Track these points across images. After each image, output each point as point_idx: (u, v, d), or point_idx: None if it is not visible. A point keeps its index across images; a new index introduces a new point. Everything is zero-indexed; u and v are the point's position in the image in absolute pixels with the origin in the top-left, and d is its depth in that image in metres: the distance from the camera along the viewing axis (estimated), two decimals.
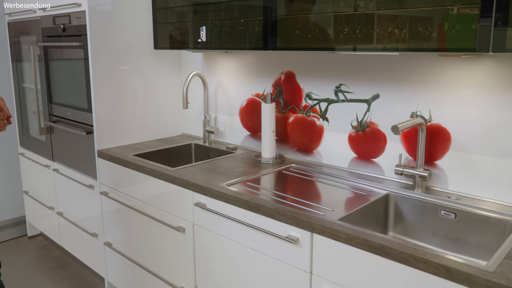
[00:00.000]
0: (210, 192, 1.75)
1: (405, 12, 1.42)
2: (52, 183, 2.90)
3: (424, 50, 1.39)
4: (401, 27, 1.44)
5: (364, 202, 1.63)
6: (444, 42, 1.35)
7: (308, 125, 2.11)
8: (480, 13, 1.25)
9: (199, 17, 2.11)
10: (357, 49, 1.56)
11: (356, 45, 1.57)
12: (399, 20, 1.44)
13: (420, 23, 1.39)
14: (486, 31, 1.24)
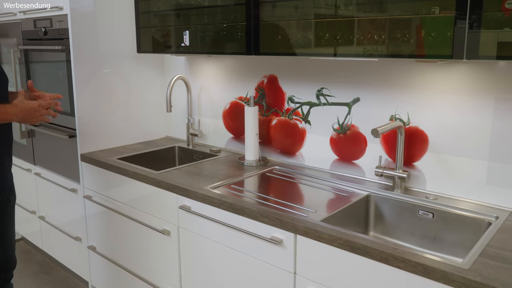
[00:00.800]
0: (195, 195, 1.77)
1: (384, 19, 1.47)
2: (33, 187, 2.88)
3: (403, 56, 1.45)
4: (380, 33, 1.49)
5: (345, 203, 1.68)
6: (422, 48, 1.40)
7: (291, 128, 2.15)
8: (454, 20, 1.30)
9: (182, 21, 2.13)
10: (338, 55, 1.61)
11: (337, 50, 1.61)
12: (378, 26, 1.49)
13: (398, 30, 1.44)
14: (461, 38, 1.30)
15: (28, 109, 1.78)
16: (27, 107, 1.77)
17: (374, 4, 1.51)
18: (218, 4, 1.95)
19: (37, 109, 1.79)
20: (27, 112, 1.78)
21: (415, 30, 1.40)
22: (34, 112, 1.79)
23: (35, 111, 1.79)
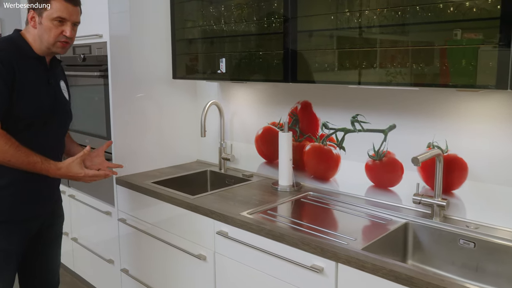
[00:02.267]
0: (232, 220, 1.79)
1: (425, 49, 1.49)
2: (67, 209, 2.93)
3: (446, 86, 1.45)
4: (421, 62, 1.50)
5: (384, 231, 1.67)
6: (465, 78, 1.41)
7: (325, 153, 2.16)
8: (498, 50, 1.31)
9: (218, 48, 2.18)
10: (378, 84, 1.62)
11: (376, 79, 1.63)
12: (419, 56, 1.51)
13: (442, 59, 1.45)
14: (505, 68, 1.30)
15: (69, 176, 1.80)
16: (68, 173, 1.79)
17: (413, 33, 1.53)
18: (255, 33, 2.00)
19: (80, 178, 1.83)
20: (69, 177, 1.81)
21: (459, 60, 1.41)
22: (77, 179, 1.83)
23: (77, 178, 1.82)
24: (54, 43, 1.77)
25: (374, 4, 1.60)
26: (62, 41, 1.79)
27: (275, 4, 1.90)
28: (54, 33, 1.76)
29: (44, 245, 1.97)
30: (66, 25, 1.78)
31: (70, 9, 1.78)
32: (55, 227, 2.01)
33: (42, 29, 1.75)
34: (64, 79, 2.01)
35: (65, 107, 1.94)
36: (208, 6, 2.21)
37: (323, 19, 1.74)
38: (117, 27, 2.38)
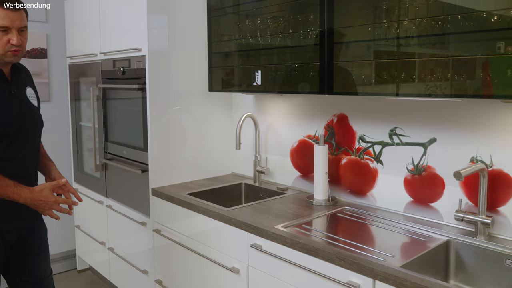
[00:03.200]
0: (266, 233, 1.76)
1: (467, 59, 1.44)
2: (104, 219, 2.99)
3: (487, 97, 1.39)
4: (464, 73, 1.45)
5: (424, 249, 1.60)
6: (509, 89, 1.34)
7: (362, 167, 2.11)
8: None
9: (254, 61, 2.19)
10: (418, 95, 1.57)
11: (416, 91, 1.58)
12: (461, 66, 1.45)
13: (486, 70, 1.40)
14: None
15: (41, 200, 1.73)
16: (40, 198, 1.72)
17: (454, 43, 1.48)
18: (291, 45, 1.99)
19: (49, 204, 1.74)
20: (38, 202, 1.73)
21: (504, 70, 1.35)
22: (45, 205, 1.74)
23: (46, 204, 1.74)
24: (4, 53, 1.72)
25: (413, 14, 1.56)
26: (11, 50, 1.73)
27: (311, 16, 1.89)
28: (1, 44, 1.71)
29: (28, 256, 1.94)
30: (11, 33, 1.71)
31: (11, 16, 1.70)
32: (37, 241, 1.97)
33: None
34: (31, 84, 1.96)
35: (33, 116, 1.89)
36: (244, 20, 2.22)
37: (360, 30, 1.71)
38: (155, 41, 2.43)
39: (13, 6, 1.70)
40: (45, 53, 3.38)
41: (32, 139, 1.89)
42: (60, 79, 3.46)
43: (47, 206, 1.74)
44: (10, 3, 1.70)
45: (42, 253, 2.01)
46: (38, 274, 1.98)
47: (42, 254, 2.00)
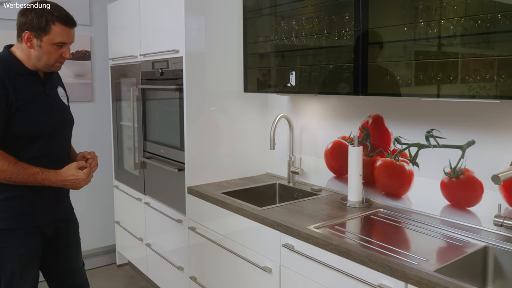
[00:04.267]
0: (298, 234, 1.77)
1: (507, 59, 1.39)
2: (142, 216, 3.08)
3: None
4: (503, 74, 1.40)
5: (460, 254, 1.56)
6: None
7: (397, 169, 2.08)
8: None
9: (288, 62, 2.20)
10: (456, 96, 1.54)
11: (454, 92, 1.55)
12: (501, 67, 1.41)
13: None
14: None
15: (69, 180, 1.83)
16: (68, 177, 1.83)
17: (494, 43, 1.44)
18: (326, 45, 1.99)
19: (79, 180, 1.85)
20: (68, 181, 1.83)
21: None
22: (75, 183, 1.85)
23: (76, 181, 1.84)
24: (53, 64, 1.82)
25: (451, 13, 1.53)
26: (60, 61, 1.84)
27: (347, 17, 1.88)
28: (54, 56, 1.80)
29: (63, 249, 2.03)
30: (65, 47, 1.82)
31: (70, 33, 1.81)
32: (71, 233, 2.06)
33: (42, 51, 1.78)
34: (61, 84, 2.03)
35: (65, 115, 1.97)
36: (279, 21, 2.24)
37: (396, 31, 1.69)
38: (192, 42, 2.49)
39: (71, 24, 1.81)
40: (89, 55, 3.52)
41: (64, 137, 1.98)
42: (102, 80, 3.59)
43: (77, 184, 1.85)
44: (69, 21, 1.81)
45: (75, 246, 2.10)
46: (71, 265, 2.08)
47: (75, 246, 2.10)
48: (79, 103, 3.44)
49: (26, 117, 1.77)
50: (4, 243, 1.80)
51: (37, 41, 1.77)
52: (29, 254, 1.86)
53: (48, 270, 2.04)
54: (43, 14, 1.75)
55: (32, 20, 1.74)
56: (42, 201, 1.87)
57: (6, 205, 1.80)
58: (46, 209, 1.90)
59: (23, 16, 1.78)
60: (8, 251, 1.81)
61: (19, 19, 1.79)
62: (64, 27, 1.79)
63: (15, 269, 1.82)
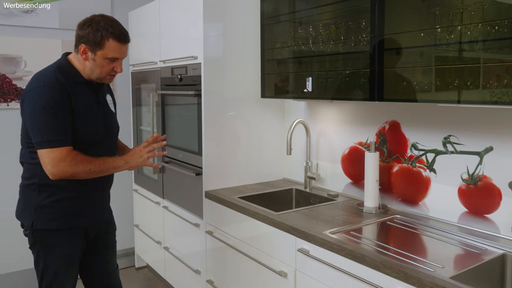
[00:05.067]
0: (314, 239, 1.78)
1: None
2: (161, 219, 3.13)
3: None
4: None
5: (477, 261, 1.55)
6: None
7: (414, 175, 2.07)
8: None
9: (305, 68, 2.22)
10: (474, 102, 1.53)
11: (470, 98, 1.54)
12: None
13: None
14: None
15: (134, 153, 1.96)
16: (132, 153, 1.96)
17: (510, 48, 1.43)
18: (342, 51, 2.00)
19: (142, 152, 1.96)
20: (132, 156, 1.94)
21: None
22: (139, 154, 1.95)
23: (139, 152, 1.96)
24: (105, 77, 1.91)
25: (469, 18, 1.53)
26: (111, 74, 1.93)
27: (363, 23, 1.89)
28: (106, 70, 1.88)
29: (102, 250, 2.11)
30: (118, 62, 1.91)
31: (122, 49, 1.89)
32: (109, 235, 2.16)
33: (95, 64, 1.86)
34: (109, 91, 2.13)
35: (113, 123, 2.07)
36: (296, 27, 2.26)
37: (412, 37, 1.69)
38: (210, 49, 2.53)
39: (124, 41, 1.90)
40: None
41: (111, 143, 2.07)
42: (123, 85, 3.66)
43: (140, 156, 1.94)
44: (123, 38, 1.89)
45: (112, 247, 2.19)
46: (108, 267, 2.16)
47: (112, 248, 2.18)
48: None
49: (81, 125, 1.85)
50: (52, 243, 1.89)
51: (92, 54, 1.85)
52: (73, 254, 1.95)
53: (85, 270, 2.11)
54: (98, 30, 1.82)
55: (88, 34, 1.83)
56: (89, 204, 1.96)
57: (56, 206, 1.88)
58: (93, 211, 2.00)
59: (81, 30, 1.86)
60: (55, 251, 1.90)
61: (77, 32, 1.88)
62: (118, 43, 1.86)
63: (59, 269, 1.91)
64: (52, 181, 1.81)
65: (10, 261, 3.30)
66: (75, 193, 1.90)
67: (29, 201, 1.90)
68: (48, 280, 1.90)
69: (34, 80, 1.85)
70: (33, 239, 1.90)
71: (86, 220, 1.97)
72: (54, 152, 1.75)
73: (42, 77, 1.83)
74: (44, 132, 1.76)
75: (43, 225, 1.87)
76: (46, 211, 1.87)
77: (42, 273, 1.90)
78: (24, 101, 1.82)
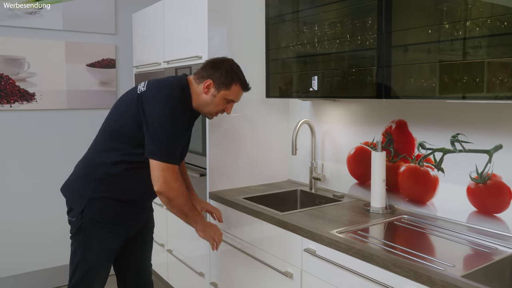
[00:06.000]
0: (320, 238, 1.75)
1: None
2: (164, 222, 3.10)
3: None
4: None
5: (488, 260, 1.52)
6: None
7: (421, 175, 2.04)
8: None
9: (310, 67, 2.20)
10: (479, 98, 1.51)
11: (477, 93, 1.52)
12: None
13: None
14: None
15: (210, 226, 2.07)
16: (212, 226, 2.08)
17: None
18: (348, 50, 1.98)
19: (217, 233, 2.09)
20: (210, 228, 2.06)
21: None
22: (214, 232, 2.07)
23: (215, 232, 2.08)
24: (213, 113, 2.01)
25: (477, 14, 1.51)
26: (218, 113, 2.04)
27: (369, 21, 1.87)
28: (218, 108, 1.99)
29: (139, 245, 2.14)
30: (231, 104, 2.02)
31: (241, 95, 2.02)
32: (148, 231, 2.20)
33: (213, 100, 1.95)
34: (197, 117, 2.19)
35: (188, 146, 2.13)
36: (302, 27, 2.24)
37: (419, 33, 1.67)
38: (215, 49, 2.51)
39: (247, 89, 2.05)
40: (114, 63, 3.59)
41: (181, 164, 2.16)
42: (127, 87, 3.64)
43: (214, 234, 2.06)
44: (247, 86, 2.03)
45: (149, 243, 2.22)
46: (142, 262, 2.19)
47: (149, 244, 2.22)
48: (103, 110, 3.49)
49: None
50: (95, 235, 1.90)
51: (215, 91, 1.95)
52: (112, 250, 1.96)
53: (120, 264, 2.13)
54: (231, 73, 1.96)
55: (220, 75, 1.94)
56: (139, 210, 2.04)
57: (108, 203, 1.90)
58: (140, 216, 2.05)
59: (213, 69, 1.96)
60: (96, 244, 1.91)
61: (209, 68, 1.97)
62: (241, 90, 2.01)
63: (94, 262, 1.92)
64: (114, 180, 1.88)
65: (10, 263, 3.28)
66: (130, 197, 1.94)
67: (86, 189, 1.91)
68: (82, 273, 1.90)
69: (154, 86, 1.89)
70: (78, 227, 1.90)
71: (132, 221, 2.00)
72: (169, 168, 1.81)
73: (164, 86, 1.88)
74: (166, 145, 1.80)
75: (92, 215, 1.88)
76: (99, 203, 1.89)
77: (77, 264, 1.91)
78: (146, 100, 1.83)
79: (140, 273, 2.18)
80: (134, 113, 1.85)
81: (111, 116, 1.99)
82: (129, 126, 1.87)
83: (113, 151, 1.89)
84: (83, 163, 2.00)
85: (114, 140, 1.91)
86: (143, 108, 1.84)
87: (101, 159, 1.92)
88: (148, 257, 2.22)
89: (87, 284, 1.92)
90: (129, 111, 1.88)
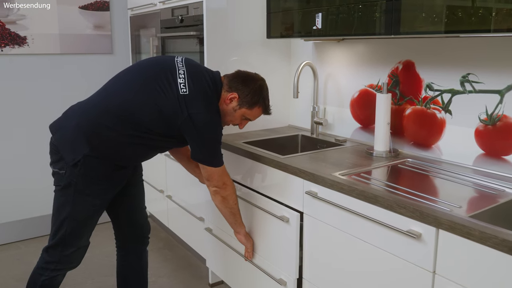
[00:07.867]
0: (322, 180, 1.70)
1: None
2: (163, 168, 3.06)
3: None
4: None
5: (494, 202, 1.47)
6: None
7: (428, 118, 1.97)
8: None
9: (314, 3, 2.07)
10: (494, 31, 1.41)
11: (493, 27, 1.41)
12: None
13: None
14: None
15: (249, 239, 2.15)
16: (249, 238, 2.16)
17: None
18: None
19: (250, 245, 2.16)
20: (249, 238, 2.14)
21: None
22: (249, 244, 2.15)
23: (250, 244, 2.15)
24: (227, 124, 1.99)
25: None
26: (231, 125, 2.02)
27: None
28: (234, 122, 1.97)
29: (131, 187, 2.08)
30: (246, 121, 2.00)
31: (259, 116, 1.98)
32: (137, 174, 2.14)
33: (231, 114, 1.92)
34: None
35: None
36: None
37: None
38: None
39: (268, 113, 2.00)
40: (108, 5, 3.42)
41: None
42: (122, 31, 3.51)
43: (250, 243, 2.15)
44: (268, 110, 1.99)
45: (140, 183, 2.17)
46: (136, 203, 2.15)
47: (140, 184, 2.17)
48: (98, 55, 3.39)
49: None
50: (88, 191, 1.83)
51: (237, 106, 1.91)
52: (102, 205, 1.91)
53: (114, 208, 2.08)
54: (257, 95, 1.91)
55: (248, 93, 1.89)
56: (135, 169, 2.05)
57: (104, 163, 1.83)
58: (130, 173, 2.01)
59: (243, 84, 1.90)
60: (86, 199, 1.84)
61: (239, 82, 1.91)
62: (262, 113, 1.98)
63: (84, 217, 1.87)
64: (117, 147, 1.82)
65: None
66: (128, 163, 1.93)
67: (82, 144, 1.79)
68: (70, 228, 1.84)
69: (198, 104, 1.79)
70: (68, 181, 1.81)
71: (125, 178, 1.96)
72: (221, 170, 1.90)
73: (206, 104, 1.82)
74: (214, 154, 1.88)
75: (85, 171, 1.79)
76: (94, 161, 1.80)
77: (64, 219, 1.83)
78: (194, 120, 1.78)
79: (135, 214, 2.14)
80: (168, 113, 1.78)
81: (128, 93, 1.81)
82: (153, 121, 1.78)
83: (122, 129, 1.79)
84: (81, 116, 1.83)
85: (126, 126, 1.79)
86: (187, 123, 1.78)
87: (105, 125, 1.79)
88: (141, 198, 2.18)
89: (74, 238, 1.86)
90: (162, 104, 1.77)
